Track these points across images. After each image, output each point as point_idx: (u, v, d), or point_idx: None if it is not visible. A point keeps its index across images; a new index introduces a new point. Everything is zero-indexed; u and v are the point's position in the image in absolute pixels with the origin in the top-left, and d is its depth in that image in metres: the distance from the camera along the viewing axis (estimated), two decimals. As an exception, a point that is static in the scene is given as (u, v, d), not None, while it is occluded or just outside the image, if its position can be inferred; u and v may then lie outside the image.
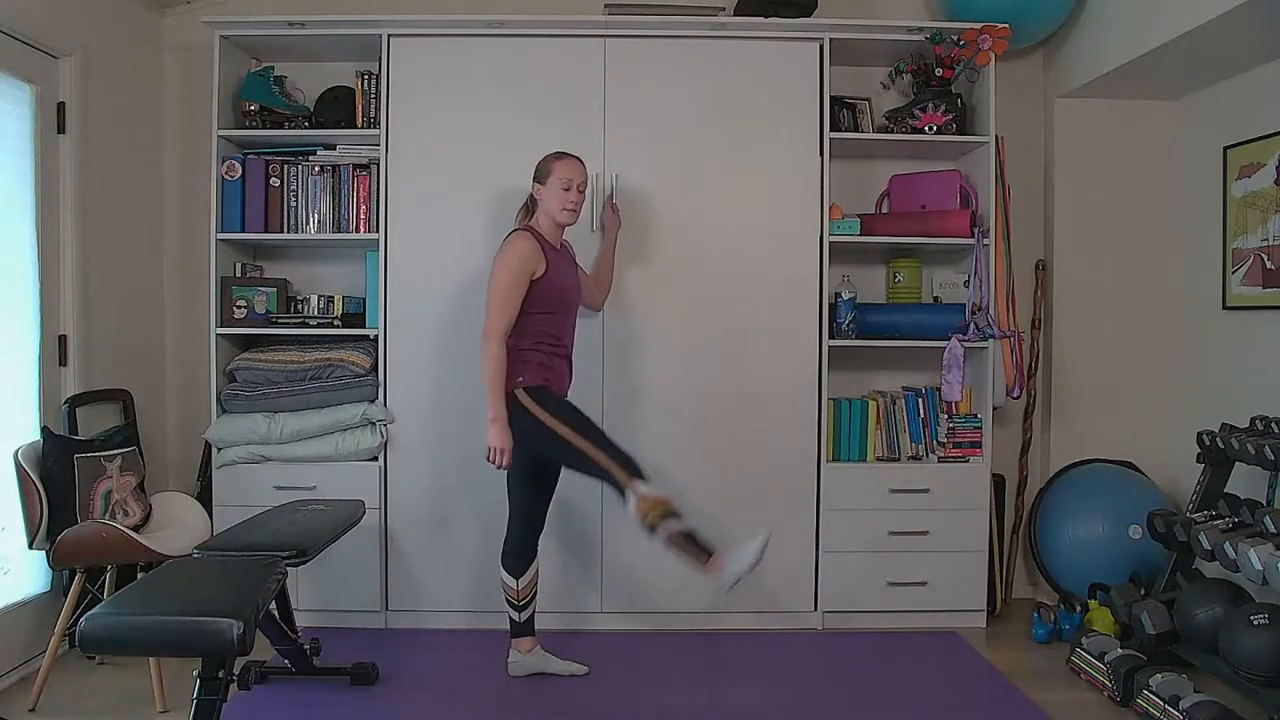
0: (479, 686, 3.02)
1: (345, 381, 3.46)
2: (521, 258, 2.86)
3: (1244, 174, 3.43)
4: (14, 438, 2.97)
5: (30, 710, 2.79)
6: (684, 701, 2.92)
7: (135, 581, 2.57)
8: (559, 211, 2.96)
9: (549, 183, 2.96)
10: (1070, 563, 3.65)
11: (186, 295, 3.88)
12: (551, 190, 2.95)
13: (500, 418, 2.83)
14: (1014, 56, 3.83)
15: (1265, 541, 2.66)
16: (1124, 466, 3.83)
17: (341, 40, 3.57)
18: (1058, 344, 3.94)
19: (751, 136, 3.51)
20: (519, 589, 3.02)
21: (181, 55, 3.85)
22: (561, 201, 2.94)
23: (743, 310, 3.51)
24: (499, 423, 2.83)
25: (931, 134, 3.58)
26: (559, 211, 2.96)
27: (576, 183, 2.95)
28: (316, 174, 3.57)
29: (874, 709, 2.88)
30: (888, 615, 3.56)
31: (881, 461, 3.61)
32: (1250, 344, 3.44)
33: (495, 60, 3.48)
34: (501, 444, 2.84)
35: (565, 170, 2.95)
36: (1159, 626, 2.97)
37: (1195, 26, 2.98)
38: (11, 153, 3.07)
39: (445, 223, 3.47)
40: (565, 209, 2.95)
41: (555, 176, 2.95)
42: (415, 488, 3.50)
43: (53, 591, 3.20)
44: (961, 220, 3.55)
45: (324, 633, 3.30)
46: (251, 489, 3.42)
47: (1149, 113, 3.87)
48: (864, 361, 3.83)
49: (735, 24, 3.49)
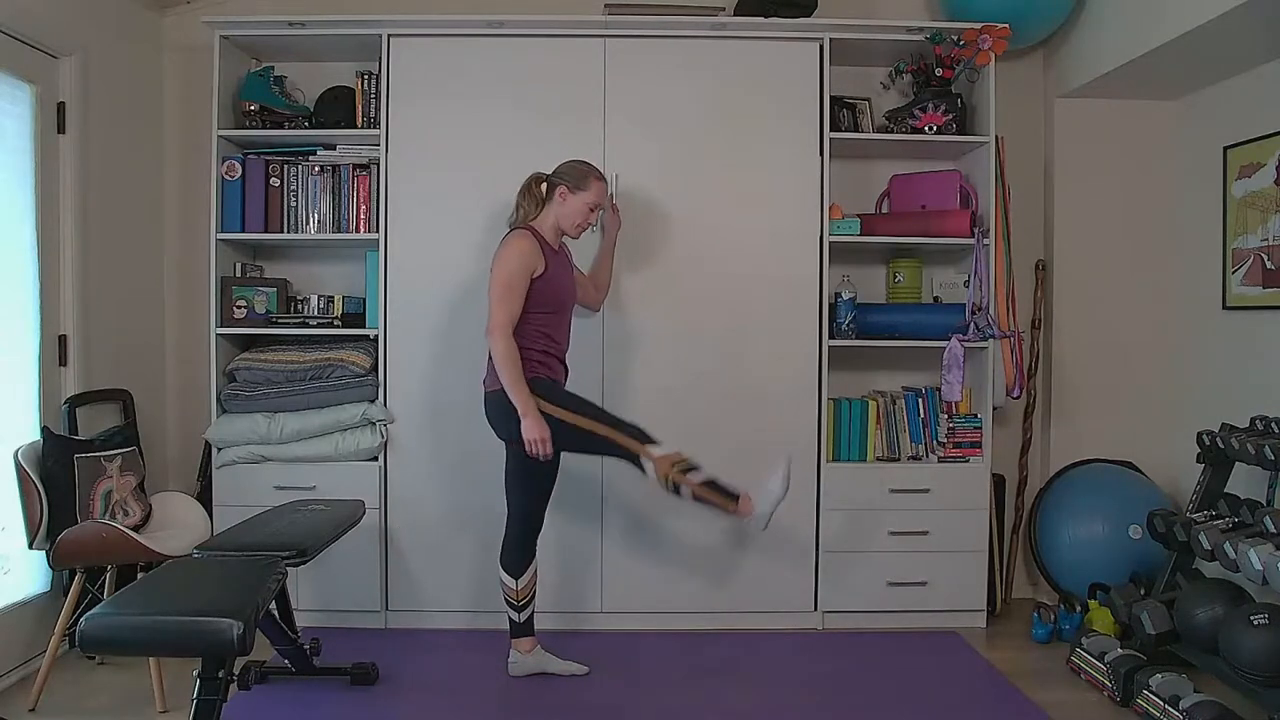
0: (479, 686, 3.02)
1: (345, 381, 3.46)
2: (523, 255, 2.86)
3: (1244, 174, 3.43)
4: (14, 438, 2.97)
5: (30, 710, 2.79)
6: (684, 701, 2.92)
7: (135, 581, 2.56)
8: (574, 226, 3.01)
9: (580, 195, 2.98)
10: (1070, 563, 3.65)
11: (186, 295, 3.88)
12: (579, 204, 2.99)
13: (531, 408, 2.81)
14: (1014, 56, 3.83)
15: (1265, 541, 2.66)
16: (1124, 466, 3.83)
17: (341, 40, 3.57)
18: (1058, 344, 3.94)
19: (751, 136, 3.51)
20: (518, 589, 3.02)
21: (181, 55, 3.85)
22: (582, 219, 3.01)
23: (743, 310, 3.51)
24: (531, 414, 2.81)
25: (931, 134, 3.58)
26: (574, 226, 3.01)
27: (600, 207, 3.03)
28: (316, 174, 3.57)
29: (874, 709, 2.88)
30: (888, 615, 3.56)
31: (881, 461, 3.61)
32: (1250, 344, 3.44)
33: (495, 60, 3.48)
34: (540, 434, 2.81)
35: (599, 194, 3.02)
36: (1159, 626, 2.97)
37: (1195, 26, 2.98)
38: (11, 153, 3.07)
39: (445, 223, 3.47)
40: (580, 226, 3.02)
41: (590, 195, 2.99)
42: (415, 488, 3.50)
43: (53, 591, 3.20)
44: (961, 220, 3.55)
45: (324, 633, 3.30)
46: (251, 489, 3.42)
47: (1149, 113, 3.87)
48: (864, 361, 3.83)
49: (735, 24, 3.49)
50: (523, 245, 2.88)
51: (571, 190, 2.98)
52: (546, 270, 2.91)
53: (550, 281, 2.92)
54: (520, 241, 2.89)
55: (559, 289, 2.98)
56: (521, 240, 2.90)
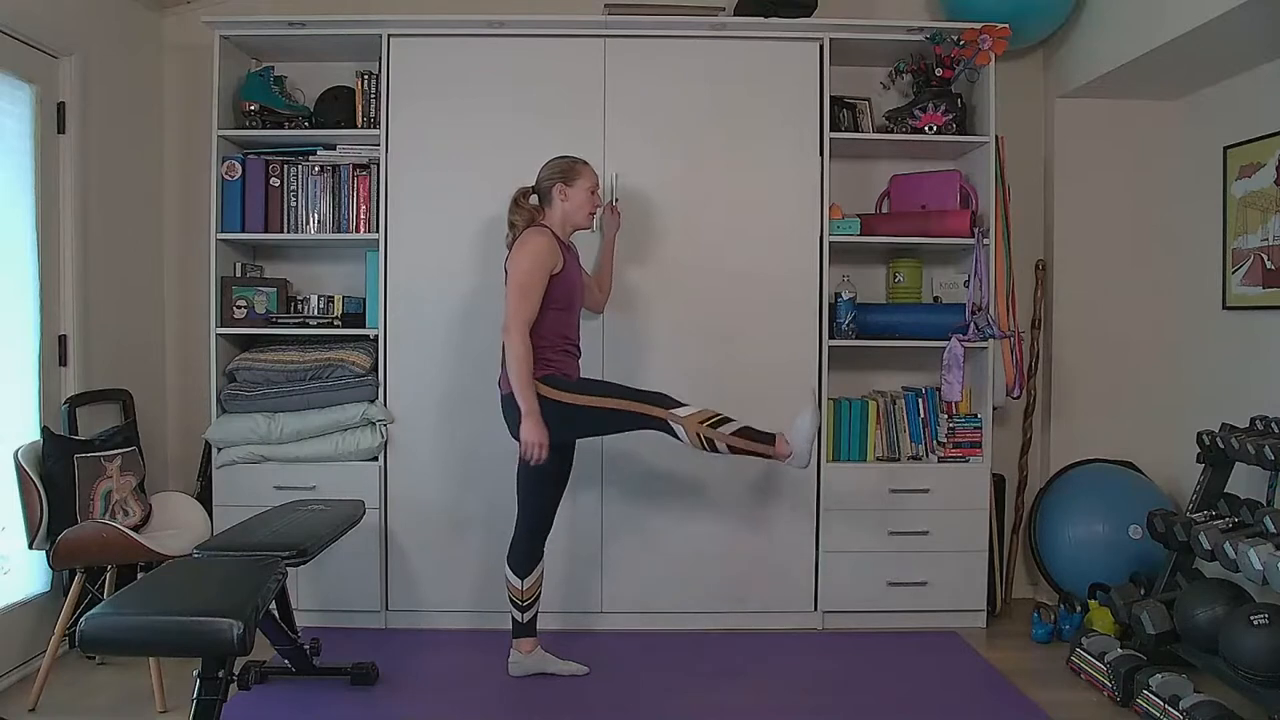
0: (479, 686, 3.02)
1: (345, 381, 3.46)
2: (542, 253, 2.86)
3: (1244, 174, 3.43)
4: (14, 438, 2.97)
5: (30, 710, 2.79)
6: (684, 701, 2.92)
7: (135, 581, 2.56)
8: (584, 216, 3.02)
9: (578, 185, 2.99)
10: (1070, 563, 3.64)
11: (186, 295, 3.88)
12: (579, 193, 2.99)
13: (534, 411, 2.80)
14: (1014, 56, 3.83)
15: (1265, 541, 2.66)
16: (1124, 466, 3.83)
17: (341, 40, 3.57)
18: (1058, 344, 3.94)
19: (751, 136, 3.51)
20: (524, 589, 3.02)
21: (181, 55, 3.85)
22: (589, 206, 3.01)
23: (743, 310, 3.51)
24: (533, 416, 2.80)
25: (931, 134, 3.58)
26: (584, 216, 3.02)
27: (598, 189, 3.04)
28: (316, 174, 3.57)
29: (874, 709, 2.88)
30: (888, 615, 3.56)
31: (881, 461, 3.61)
32: (1250, 344, 3.45)
33: (495, 60, 3.48)
34: (538, 438, 2.80)
35: (591, 176, 3.03)
36: (1159, 626, 2.97)
37: (1195, 26, 2.98)
38: (11, 153, 3.07)
39: (445, 223, 3.47)
40: (590, 214, 3.03)
41: (585, 181, 3.00)
42: (415, 488, 3.50)
43: (53, 591, 3.20)
44: (961, 220, 3.56)
45: (324, 633, 3.30)
46: (251, 489, 3.42)
47: (1149, 113, 3.88)
48: (864, 361, 3.83)
49: (735, 24, 3.49)
50: (541, 243, 2.88)
51: (568, 184, 2.98)
52: (565, 267, 2.92)
53: (566, 278, 2.93)
54: (539, 238, 2.89)
55: (573, 285, 2.98)
56: (540, 237, 2.90)
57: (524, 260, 2.85)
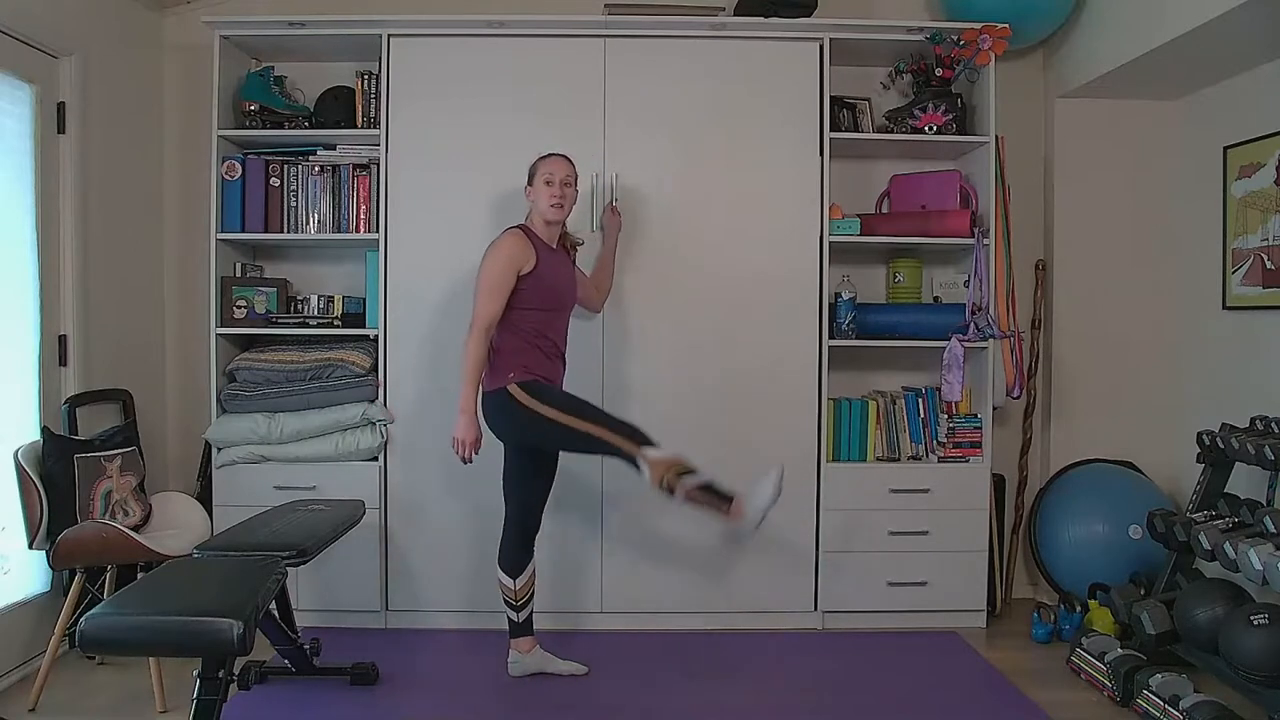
0: (479, 686, 3.02)
1: (345, 381, 3.46)
2: (508, 253, 2.88)
3: (1244, 174, 3.43)
4: (14, 438, 2.97)
5: (30, 710, 2.79)
6: (684, 701, 2.92)
7: (135, 581, 2.57)
8: (546, 208, 2.97)
9: (535, 181, 2.99)
10: (1070, 563, 3.65)
11: (186, 295, 3.88)
12: (537, 188, 2.99)
13: (469, 409, 2.86)
14: (1014, 56, 3.83)
15: (1265, 541, 2.66)
16: (1124, 466, 3.83)
17: (341, 40, 3.57)
18: (1058, 344, 3.94)
19: (751, 136, 3.51)
20: (517, 589, 3.02)
21: (181, 55, 3.85)
22: (547, 197, 2.96)
23: (743, 310, 3.51)
24: (467, 414, 2.86)
25: (931, 134, 3.58)
26: (546, 208, 2.97)
27: (559, 177, 2.97)
28: (316, 174, 3.57)
29: (874, 709, 2.88)
30: (888, 615, 3.56)
31: (881, 461, 3.61)
32: (1250, 344, 3.45)
33: (495, 60, 3.48)
34: (467, 436, 2.87)
35: (547, 166, 2.99)
36: (1159, 626, 2.97)
37: (1195, 26, 2.98)
38: (11, 153, 3.07)
39: (445, 223, 3.47)
40: (551, 204, 2.97)
41: (539, 174, 2.99)
42: (415, 488, 3.50)
43: (53, 591, 3.20)
44: (961, 220, 3.56)
45: (324, 633, 3.30)
46: (251, 489, 3.42)
47: (1149, 113, 3.87)
48: (864, 361, 3.83)
49: (735, 24, 3.49)
50: (507, 242, 2.90)
51: (530, 183, 3.01)
52: (537, 266, 2.90)
53: (543, 278, 2.92)
54: (506, 238, 2.91)
55: (554, 286, 2.97)
56: (508, 237, 2.92)
57: (488, 260, 2.89)
